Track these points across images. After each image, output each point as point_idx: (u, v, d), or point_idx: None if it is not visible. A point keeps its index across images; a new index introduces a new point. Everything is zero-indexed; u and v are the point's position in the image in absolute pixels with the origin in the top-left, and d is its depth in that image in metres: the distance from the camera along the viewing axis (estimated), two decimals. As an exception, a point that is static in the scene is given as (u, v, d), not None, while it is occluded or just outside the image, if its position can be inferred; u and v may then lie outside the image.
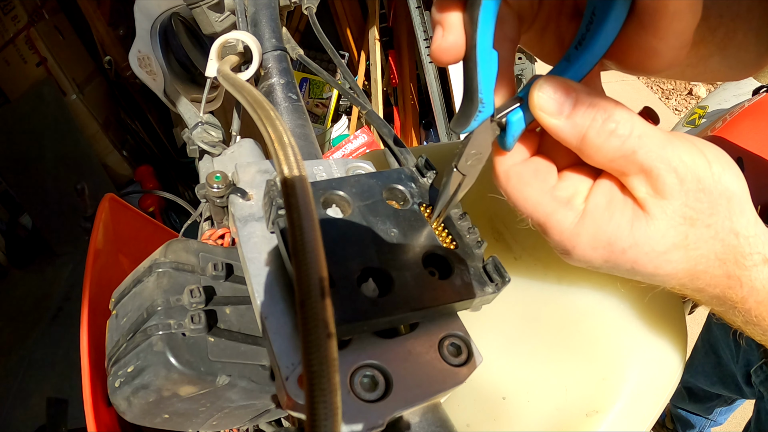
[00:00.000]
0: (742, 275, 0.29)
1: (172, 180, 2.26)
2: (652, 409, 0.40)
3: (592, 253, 0.28)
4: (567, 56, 0.28)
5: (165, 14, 0.65)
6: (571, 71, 0.27)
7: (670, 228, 0.27)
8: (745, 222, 0.28)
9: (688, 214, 0.27)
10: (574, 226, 0.28)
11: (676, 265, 0.28)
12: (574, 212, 0.28)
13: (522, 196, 0.29)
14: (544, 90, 0.27)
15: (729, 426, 1.41)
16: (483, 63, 0.27)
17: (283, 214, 0.28)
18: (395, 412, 0.26)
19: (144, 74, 0.64)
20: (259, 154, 0.48)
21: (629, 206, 0.28)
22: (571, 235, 0.28)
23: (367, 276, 0.28)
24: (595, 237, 0.28)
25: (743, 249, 0.28)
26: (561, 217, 0.28)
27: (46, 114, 1.95)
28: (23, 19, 1.90)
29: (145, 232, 0.78)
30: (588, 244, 0.28)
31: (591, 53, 0.26)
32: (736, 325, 0.32)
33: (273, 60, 0.48)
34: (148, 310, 0.30)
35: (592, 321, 0.42)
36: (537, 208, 0.29)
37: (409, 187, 0.33)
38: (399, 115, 2.06)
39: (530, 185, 0.29)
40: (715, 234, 0.27)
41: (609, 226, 0.28)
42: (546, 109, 0.27)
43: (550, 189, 0.29)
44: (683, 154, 0.26)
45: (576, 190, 0.29)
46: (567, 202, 0.29)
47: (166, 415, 0.30)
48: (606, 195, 0.28)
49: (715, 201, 0.27)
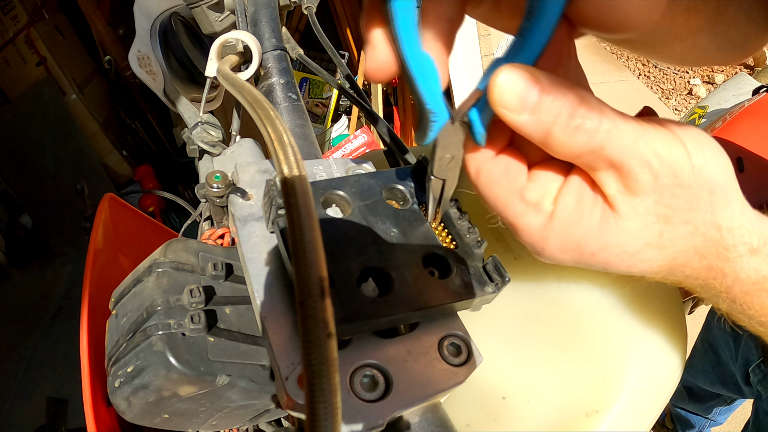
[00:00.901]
0: (725, 266, 0.28)
1: (172, 180, 2.26)
2: (652, 408, 0.40)
3: (561, 255, 0.28)
4: (520, 31, 0.24)
5: (165, 14, 0.65)
6: (527, 48, 0.24)
7: (642, 228, 0.26)
8: (730, 213, 0.27)
9: (662, 212, 0.26)
10: (542, 228, 0.27)
11: (650, 264, 0.27)
12: (542, 215, 0.28)
13: (492, 194, 0.28)
14: (503, 83, 0.24)
15: (728, 426, 1.41)
16: (418, 72, 0.25)
17: (282, 214, 0.28)
18: (395, 412, 0.26)
19: (144, 74, 0.64)
20: (258, 154, 0.48)
21: (599, 206, 0.27)
22: (539, 238, 0.28)
23: (367, 276, 0.28)
24: (564, 240, 0.27)
25: (726, 241, 0.27)
26: (529, 219, 0.28)
27: (46, 114, 1.95)
28: (23, 19, 1.90)
29: (144, 231, 0.78)
30: (556, 247, 0.28)
31: (543, 20, 0.23)
32: (721, 311, 0.31)
33: (273, 60, 0.48)
34: (148, 310, 0.30)
35: (592, 321, 0.42)
36: (506, 209, 0.28)
37: (409, 187, 0.33)
38: (399, 115, 2.06)
39: (499, 184, 0.28)
40: (694, 229, 0.26)
41: (577, 229, 0.27)
42: (507, 105, 0.24)
43: (519, 189, 0.28)
44: (659, 147, 0.25)
45: (545, 191, 0.28)
46: (535, 204, 0.28)
47: (165, 415, 0.30)
48: (575, 195, 0.27)
49: (694, 195, 0.26)
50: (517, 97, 0.24)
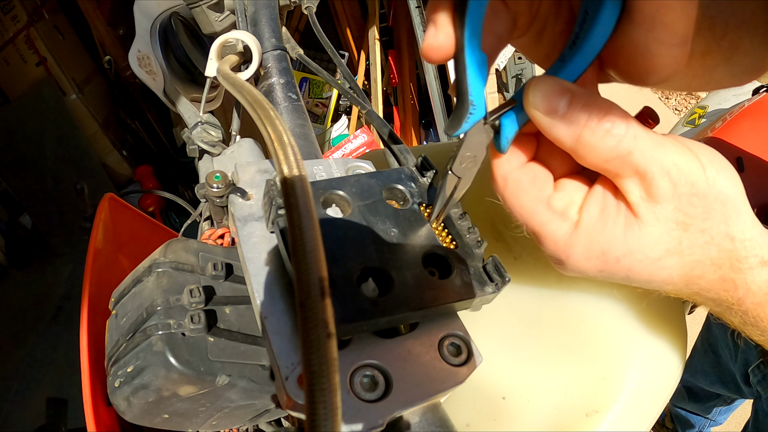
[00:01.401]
0: (737, 278, 0.29)
1: (172, 180, 2.26)
2: (652, 408, 0.40)
3: (586, 263, 0.28)
4: (561, 57, 0.28)
5: (165, 14, 0.65)
6: (566, 71, 0.27)
7: (663, 234, 0.27)
8: (742, 225, 0.28)
9: (681, 219, 0.27)
10: (568, 236, 0.28)
11: (671, 272, 0.28)
12: (568, 223, 0.28)
13: (518, 203, 0.29)
14: (539, 89, 0.26)
15: (728, 426, 1.41)
16: (472, 65, 0.26)
17: (282, 214, 0.28)
18: (395, 412, 0.26)
19: (144, 74, 0.64)
20: (258, 154, 0.48)
21: (622, 213, 0.28)
22: (565, 246, 0.28)
23: (367, 276, 0.28)
24: (589, 248, 0.28)
25: (739, 253, 0.28)
26: (555, 227, 0.28)
27: (46, 114, 1.95)
28: (23, 19, 1.90)
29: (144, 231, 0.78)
30: (582, 255, 0.28)
31: (584, 52, 0.26)
32: (734, 325, 0.32)
33: (273, 59, 0.47)
34: (148, 310, 0.30)
35: (592, 321, 0.42)
36: (532, 217, 0.29)
37: (409, 187, 0.33)
38: (399, 115, 2.06)
39: (527, 192, 0.29)
40: (710, 239, 0.27)
41: (602, 236, 0.28)
42: (541, 107, 0.26)
43: (545, 198, 0.29)
44: (676, 158, 0.26)
45: (571, 200, 0.29)
46: (562, 212, 0.29)
47: (165, 415, 0.30)
48: (599, 203, 0.28)
49: (709, 205, 0.27)
50: (551, 100, 0.26)
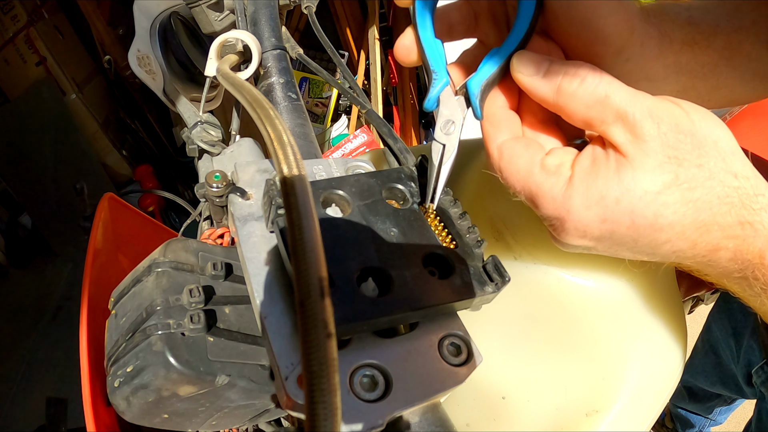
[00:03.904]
0: (754, 221, 0.28)
1: (172, 179, 2.26)
2: (652, 408, 0.40)
3: (587, 212, 0.29)
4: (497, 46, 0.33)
5: (164, 13, 0.65)
6: (501, 51, 0.32)
7: (656, 167, 0.27)
8: (740, 164, 0.28)
9: (671, 154, 0.27)
10: (564, 190, 0.29)
11: (676, 210, 0.27)
12: (562, 178, 0.30)
13: (514, 168, 0.31)
14: (523, 56, 0.31)
15: (729, 425, 1.41)
16: (428, 48, 0.33)
17: (282, 214, 0.28)
18: (395, 411, 0.26)
19: (143, 73, 0.64)
20: (258, 154, 0.48)
21: (612, 158, 0.29)
22: (564, 200, 0.29)
23: (367, 276, 0.28)
24: (586, 195, 0.29)
25: (746, 190, 0.27)
26: (551, 184, 0.30)
27: (46, 113, 1.95)
28: (23, 19, 1.90)
29: (144, 231, 0.78)
30: (581, 204, 0.29)
31: (515, 34, 0.32)
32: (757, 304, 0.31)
33: (272, 59, 0.47)
34: (148, 310, 0.30)
35: (592, 320, 0.42)
36: (528, 179, 0.30)
37: (409, 187, 0.33)
38: (399, 115, 2.06)
39: (521, 157, 0.31)
40: (710, 174, 0.27)
41: (597, 182, 0.29)
42: (525, 70, 0.30)
43: (539, 160, 0.31)
44: (657, 103, 0.28)
45: (562, 160, 0.31)
46: (555, 171, 0.30)
47: (165, 414, 0.30)
48: (589, 156, 0.30)
49: (700, 143, 0.27)
50: (533, 64, 0.30)
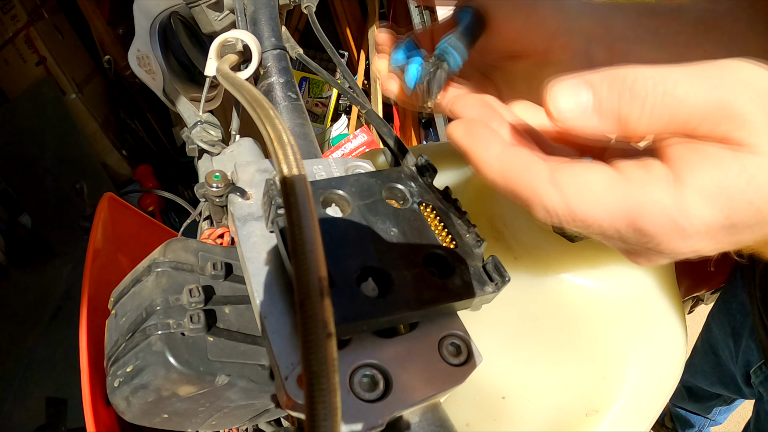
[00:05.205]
0: None
1: (172, 179, 2.26)
2: (652, 408, 0.40)
3: (710, 210, 0.22)
4: None
5: (164, 13, 0.65)
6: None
7: None
8: None
9: None
10: (674, 194, 0.22)
11: None
12: (662, 180, 0.23)
13: (594, 200, 0.24)
14: (558, 95, 0.22)
15: (728, 425, 1.41)
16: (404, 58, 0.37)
17: (282, 214, 0.28)
18: (395, 411, 0.26)
19: (143, 73, 0.64)
20: (258, 153, 0.48)
21: (715, 148, 0.22)
22: (678, 205, 0.22)
23: (367, 275, 0.28)
24: (703, 189, 0.22)
25: None
26: (658, 196, 0.23)
27: (46, 113, 1.95)
28: (22, 19, 1.90)
29: (144, 231, 0.78)
30: (700, 204, 0.22)
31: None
32: None
33: (272, 59, 0.47)
34: (147, 310, 0.30)
35: (592, 320, 0.42)
36: (625, 204, 0.23)
37: (409, 187, 0.33)
38: (399, 115, 2.06)
39: (594, 183, 0.24)
40: None
41: (713, 172, 0.22)
42: (569, 115, 0.23)
43: (615, 175, 0.24)
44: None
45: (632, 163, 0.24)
46: (644, 176, 0.23)
47: (165, 414, 0.30)
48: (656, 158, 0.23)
49: None
50: (574, 100, 0.22)
